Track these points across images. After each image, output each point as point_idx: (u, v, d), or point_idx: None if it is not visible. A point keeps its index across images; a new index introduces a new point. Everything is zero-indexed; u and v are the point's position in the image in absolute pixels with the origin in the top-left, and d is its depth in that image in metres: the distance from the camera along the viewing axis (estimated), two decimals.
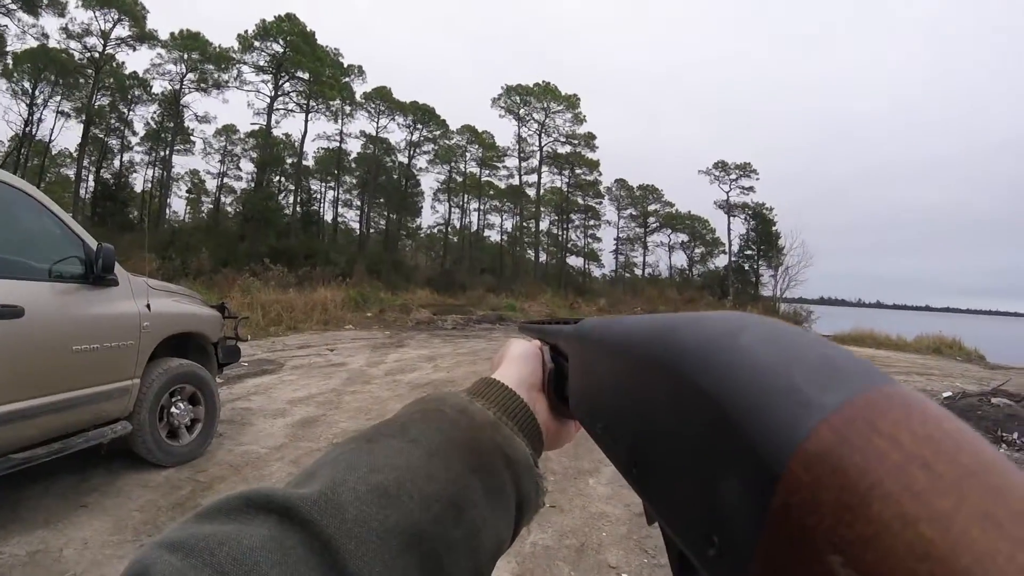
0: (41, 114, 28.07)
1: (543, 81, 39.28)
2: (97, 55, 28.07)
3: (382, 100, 35.68)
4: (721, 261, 44.93)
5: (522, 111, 39.64)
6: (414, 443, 0.43)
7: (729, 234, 43.37)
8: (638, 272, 45.71)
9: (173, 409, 4.62)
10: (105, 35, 27.98)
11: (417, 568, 0.37)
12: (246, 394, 7.43)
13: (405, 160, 37.75)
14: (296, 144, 33.84)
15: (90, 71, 28.11)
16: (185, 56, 30.25)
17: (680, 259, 46.93)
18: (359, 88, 34.90)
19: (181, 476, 4.46)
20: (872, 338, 26.34)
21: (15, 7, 25.72)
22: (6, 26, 26.18)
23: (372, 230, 38.09)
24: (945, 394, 8.79)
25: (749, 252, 42.97)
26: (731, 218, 43.13)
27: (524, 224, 41.97)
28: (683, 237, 46.14)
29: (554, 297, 30.76)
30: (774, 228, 41.80)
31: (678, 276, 45.42)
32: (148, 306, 4.35)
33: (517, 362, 0.58)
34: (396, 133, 37.17)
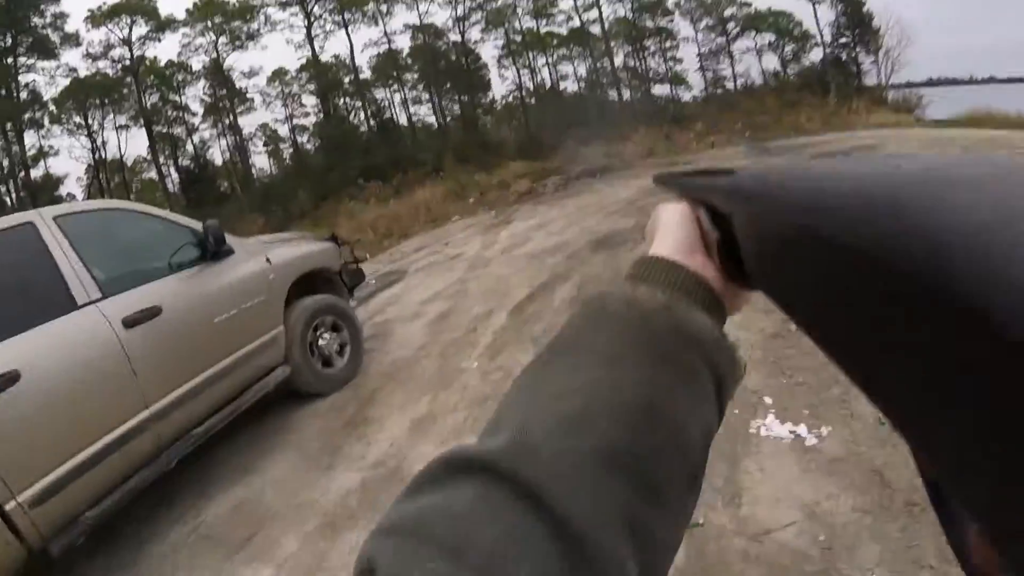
0: (103, 138, 29.08)
1: None
2: (128, 62, 28.50)
3: None
4: (816, 55, 40.90)
5: None
6: (589, 353, 0.40)
7: (818, 24, 39.05)
8: (729, 86, 42.85)
9: (320, 341, 5.02)
10: (127, 41, 28.27)
11: (628, 486, 0.35)
12: (382, 307, 7.85)
13: (458, 38, 36.54)
14: (348, 62, 33.46)
15: (128, 79, 28.63)
16: (209, 24, 30.13)
17: (771, 62, 43.31)
18: None
19: (344, 397, 4.91)
20: (991, 119, 22.62)
21: (33, 60, 26.40)
22: (34, 80, 26.94)
23: (448, 118, 37.68)
24: None
25: (844, 40, 38.82)
26: (816, 6, 38.96)
27: (598, 65, 40.02)
28: (770, 37, 42.31)
29: (648, 132, 29.67)
30: (865, 9, 37.50)
31: (773, 80, 42.25)
32: (268, 260, 4.67)
33: (672, 230, 0.51)
34: (440, 14, 35.65)
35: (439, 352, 5.44)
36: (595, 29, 38.97)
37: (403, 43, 35.97)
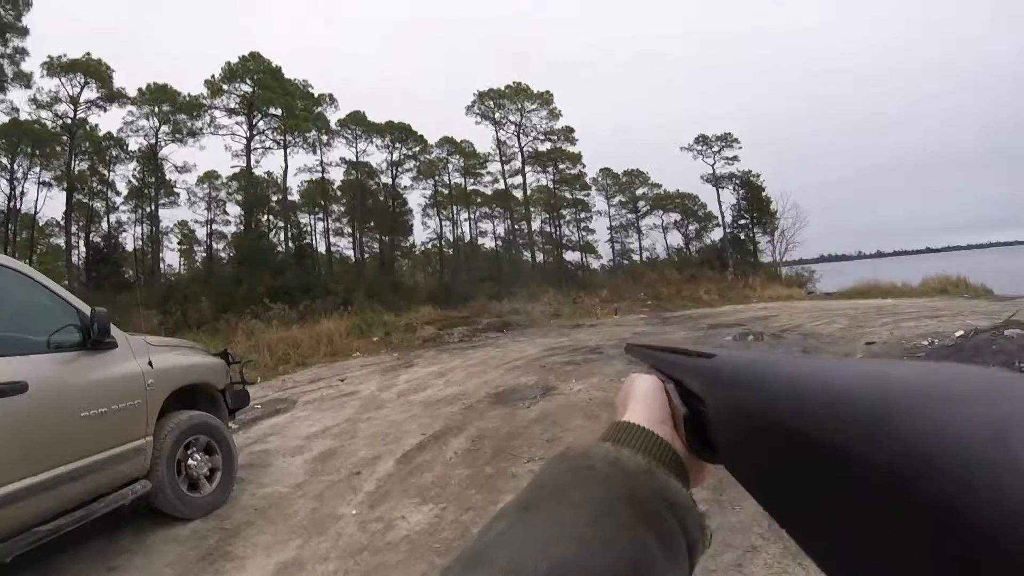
0: (23, 187, 28.03)
1: (514, 82, 39.26)
2: (69, 120, 28.07)
3: (358, 125, 35.63)
4: (716, 234, 44.76)
5: (497, 115, 39.57)
6: (576, 507, 0.41)
7: (720, 206, 43.17)
8: (635, 257, 45.66)
9: (190, 461, 4.66)
10: (74, 100, 27.99)
11: None
12: (262, 436, 7.45)
13: (389, 180, 37.77)
14: (279, 181, 33.87)
15: (65, 137, 28.11)
16: (156, 110, 30.26)
17: (675, 238, 46.80)
18: (333, 116, 34.86)
19: (207, 526, 4.48)
20: (878, 288, 26.22)
21: None
22: None
23: (366, 255, 38.10)
24: (957, 333, 8.79)
25: (743, 221, 42.83)
26: (720, 190, 42.92)
27: (516, 227, 41.95)
28: (675, 216, 46.06)
29: (556, 295, 30.73)
30: (764, 194, 41.67)
31: (676, 255, 45.33)
32: (150, 363, 4.38)
33: (645, 400, 0.55)
34: (376, 155, 37.00)
35: (317, 493, 5.10)
36: (518, 193, 41.27)
37: (336, 175, 36.81)
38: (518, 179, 40.88)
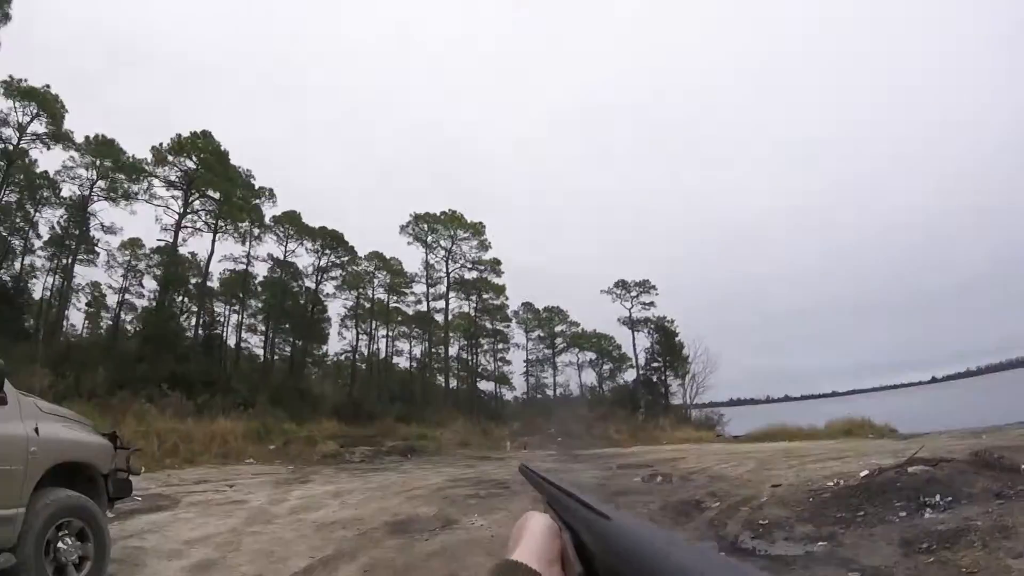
0: None
1: (449, 209, 40.54)
2: (11, 147, 27.05)
3: (291, 224, 35.64)
4: (630, 375, 45.84)
5: (430, 238, 40.49)
6: None
7: (635, 348, 44.54)
8: (549, 392, 45.96)
9: (60, 544, 4.20)
10: (21, 128, 27.08)
11: None
12: (140, 531, 6.90)
13: (312, 285, 37.43)
14: (202, 264, 33.02)
15: (1, 163, 26.93)
16: (98, 163, 29.54)
17: (589, 376, 47.60)
18: (269, 211, 34.82)
19: None
20: (785, 432, 26.94)
21: None
22: None
23: (277, 356, 36.94)
24: (863, 473, 9.02)
25: (656, 364, 44.09)
26: (635, 333, 44.48)
27: (433, 350, 41.85)
28: (591, 355, 47.07)
29: (466, 423, 30.37)
30: (677, 339, 43.33)
31: (589, 394, 45.86)
32: (36, 430, 4.04)
33: (537, 539, 0.57)
34: (304, 258, 36.83)
35: None
36: (439, 317, 41.51)
37: (261, 269, 36.25)
38: (441, 303, 41.35)
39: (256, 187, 33.91)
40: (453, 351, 42.92)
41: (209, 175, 30.72)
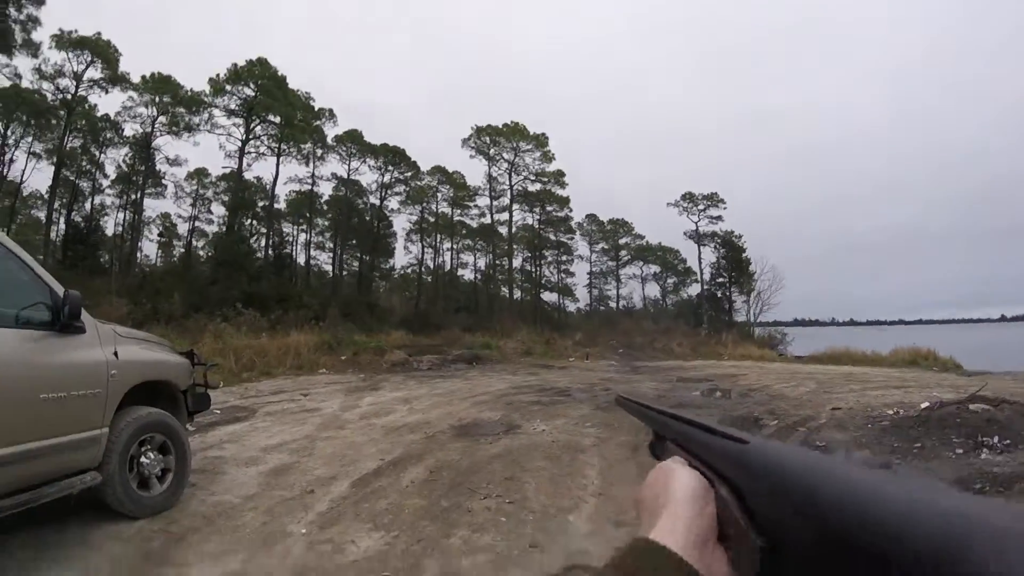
0: (13, 155, 27.74)
1: (512, 121, 39.83)
2: (69, 96, 27.89)
3: (353, 143, 35.81)
4: (694, 290, 45.55)
5: (492, 151, 40.08)
6: None
7: (700, 263, 43.97)
8: (612, 305, 45.98)
9: (143, 459, 4.53)
10: (78, 77, 27.86)
11: None
12: (218, 442, 7.30)
13: (377, 202, 37.81)
14: (268, 187, 33.79)
15: (62, 112, 27.90)
16: (156, 99, 30.22)
17: (653, 290, 47.38)
18: (330, 131, 35.05)
19: (153, 528, 4.36)
20: (848, 356, 26.51)
21: None
22: None
23: (345, 272, 37.94)
24: (923, 404, 8.82)
25: (721, 280, 43.46)
26: (701, 247, 43.76)
27: (497, 262, 42.10)
28: (655, 268, 46.74)
29: (529, 333, 30.74)
30: (744, 255, 42.39)
31: (652, 307, 45.76)
32: (116, 354, 4.29)
33: (684, 512, 0.43)
34: (368, 175, 37.07)
35: (268, 507, 4.99)
36: (503, 230, 41.51)
37: (326, 189, 36.72)
38: (505, 216, 41.27)
39: (316, 109, 33.95)
40: (517, 263, 43.23)
41: (268, 100, 30.86)
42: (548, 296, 44.23)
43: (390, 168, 37.38)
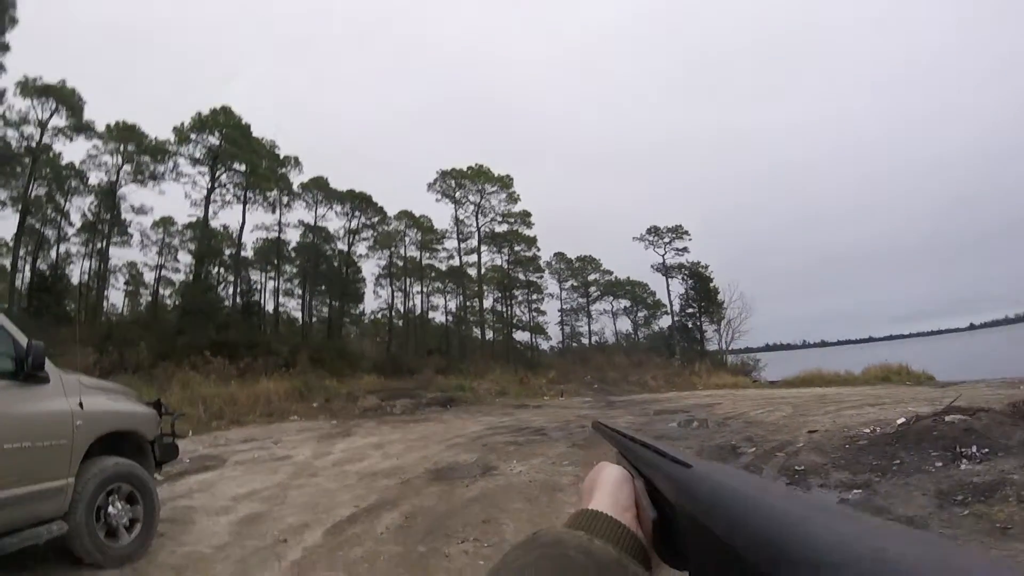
0: None
1: (476, 164, 40.24)
2: (34, 144, 27.57)
3: (319, 189, 35.81)
4: (665, 322, 45.81)
5: (458, 194, 40.33)
6: None
7: (669, 295, 44.39)
8: (584, 341, 46.09)
9: (110, 509, 4.45)
10: (43, 124, 27.55)
11: None
12: (188, 492, 7.16)
13: (345, 248, 37.71)
14: (234, 235, 33.51)
15: (27, 160, 27.53)
16: (121, 148, 30.00)
17: (624, 324, 47.61)
18: (296, 178, 34.99)
19: None
20: (820, 377, 26.79)
21: None
22: None
23: (315, 318, 37.59)
24: (899, 420, 8.93)
25: (691, 310, 43.93)
26: (669, 279, 44.24)
27: (468, 303, 42.08)
28: (625, 303, 47.01)
29: (503, 373, 30.67)
30: (712, 284, 42.99)
31: (624, 341, 45.94)
32: (81, 404, 4.23)
33: (611, 489, 0.56)
34: (335, 221, 37.04)
35: (240, 557, 4.88)
36: (472, 271, 41.60)
37: (293, 236, 36.58)
38: (473, 257, 41.39)
39: (281, 156, 34.05)
40: (488, 303, 43.18)
41: (233, 149, 30.86)
42: (520, 335, 44.24)
43: (356, 214, 37.42)
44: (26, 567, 4.13)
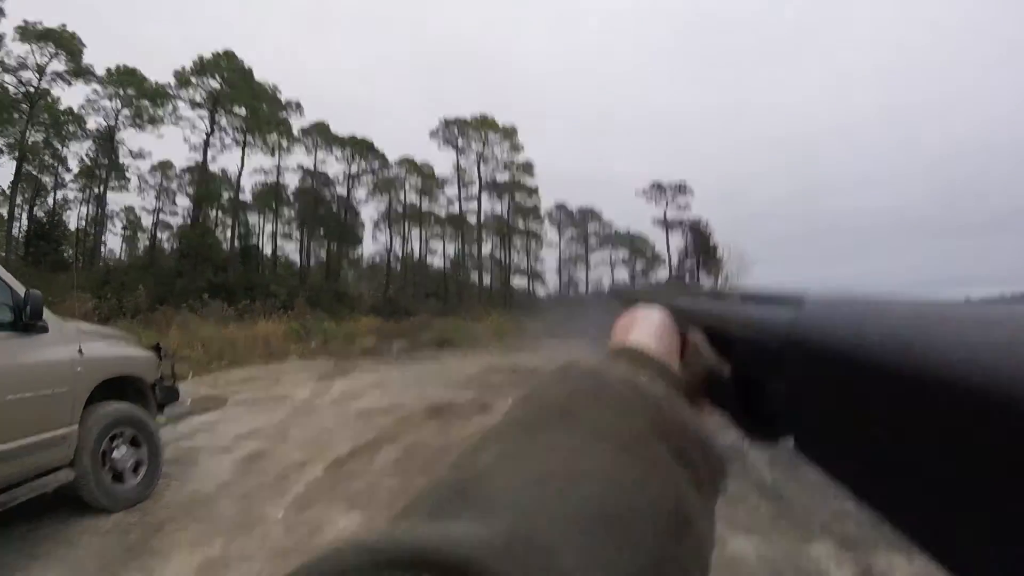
0: None
1: (481, 114, 39.74)
2: (32, 89, 27.15)
3: (320, 135, 35.39)
4: (662, 275, 45.83)
5: (460, 142, 39.98)
6: (598, 435, 0.31)
7: (668, 248, 44.45)
8: (582, 289, 46.24)
9: (115, 453, 4.54)
10: (41, 69, 27.11)
11: None
12: (191, 432, 7.28)
13: (344, 192, 37.47)
14: (233, 179, 33.28)
15: (24, 106, 27.12)
16: (121, 92, 29.52)
17: (622, 275, 47.67)
18: (297, 123, 34.62)
19: (130, 519, 4.37)
20: None
21: None
22: None
23: (313, 261, 37.60)
24: None
25: (688, 263, 43.98)
26: (669, 234, 44.15)
27: (467, 249, 42.08)
28: (623, 253, 47.01)
29: (500, 317, 30.84)
30: (711, 241, 42.91)
31: None
32: (80, 351, 4.28)
33: (654, 329, 0.46)
34: (334, 166, 36.66)
35: (243, 493, 5.02)
36: (472, 218, 41.45)
37: (292, 181, 36.27)
38: (474, 205, 41.19)
39: (283, 101, 33.55)
40: (486, 250, 43.25)
41: (235, 93, 30.39)
42: (518, 281, 44.39)
43: (357, 159, 37.07)
44: (37, 516, 4.25)
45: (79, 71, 28.28)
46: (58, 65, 27.75)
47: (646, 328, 0.46)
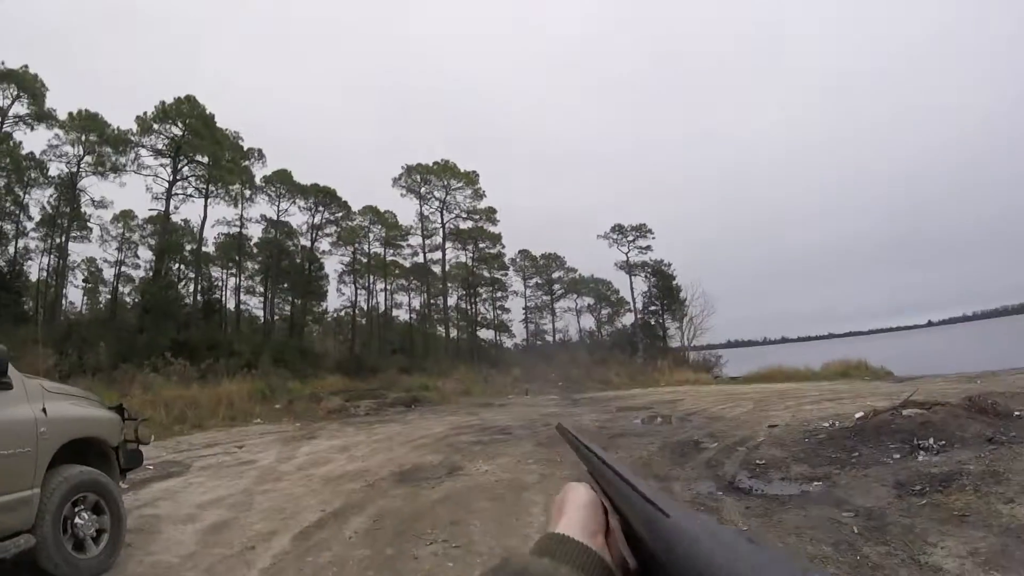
0: None
1: (442, 160, 40.20)
2: None
3: (282, 183, 35.33)
4: (628, 319, 46.25)
5: (423, 189, 40.25)
6: None
7: (632, 293, 44.87)
8: (548, 339, 46.38)
9: (77, 520, 4.36)
10: (3, 112, 26.67)
11: None
12: (153, 500, 7.07)
13: (308, 243, 37.32)
14: (195, 230, 32.84)
15: None
16: (83, 138, 29.08)
17: (588, 322, 48.00)
18: (259, 171, 34.48)
19: None
20: (781, 373, 27.29)
21: None
22: None
23: (277, 317, 37.11)
24: (857, 415, 9.18)
25: (653, 307, 44.49)
26: (632, 278, 44.72)
27: (432, 301, 42.02)
28: (589, 300, 47.40)
29: (467, 372, 30.71)
30: (675, 282, 43.57)
31: (587, 338, 46.32)
32: (44, 410, 4.15)
33: (580, 511, 0.56)
34: (297, 216, 36.54)
35: (208, 566, 4.85)
36: (436, 268, 41.58)
37: (255, 231, 36.04)
38: (438, 254, 41.39)
39: (245, 148, 33.44)
40: (452, 301, 43.29)
41: (196, 140, 30.16)
42: (485, 334, 44.34)
43: (320, 209, 37.04)
44: None
45: (41, 115, 27.88)
46: (20, 108, 27.42)
47: (573, 514, 0.55)
